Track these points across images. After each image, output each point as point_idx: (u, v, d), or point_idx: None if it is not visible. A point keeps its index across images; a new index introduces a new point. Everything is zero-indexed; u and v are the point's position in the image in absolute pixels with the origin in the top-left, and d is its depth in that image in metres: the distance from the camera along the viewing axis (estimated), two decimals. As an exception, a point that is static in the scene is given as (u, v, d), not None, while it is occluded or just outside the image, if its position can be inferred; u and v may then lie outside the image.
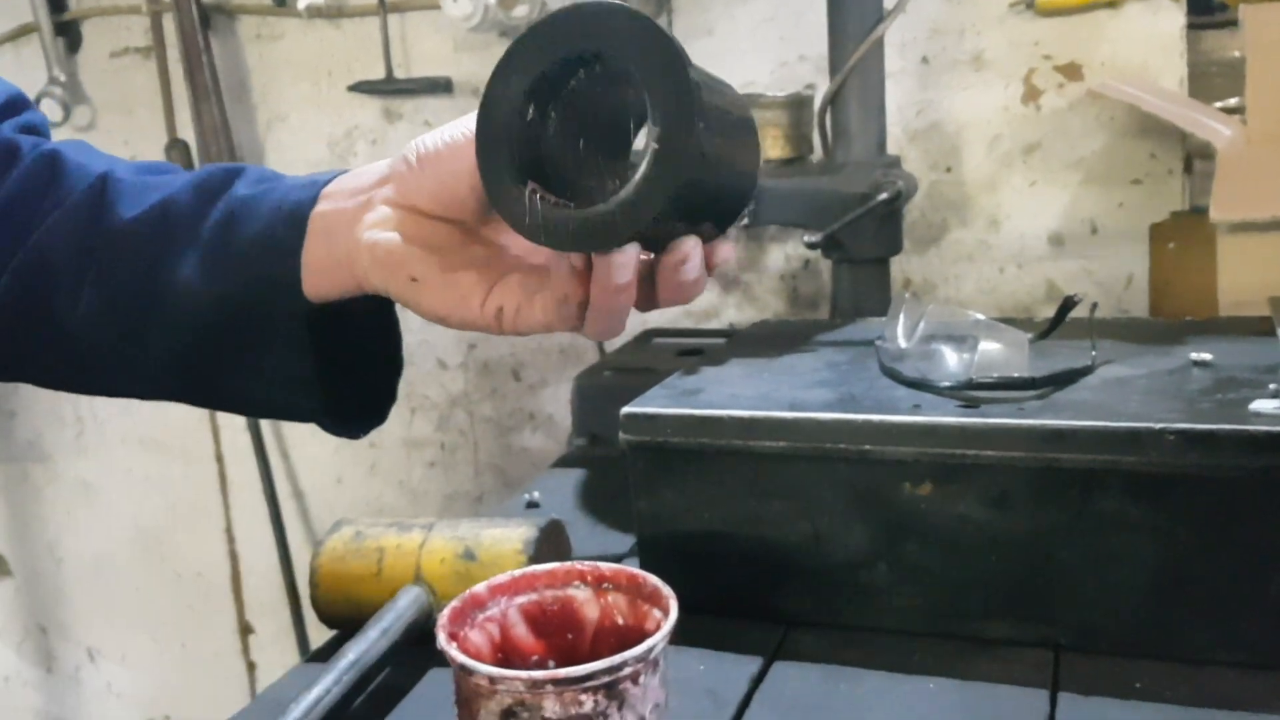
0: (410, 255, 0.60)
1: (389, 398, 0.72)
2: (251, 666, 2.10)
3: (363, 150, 1.81)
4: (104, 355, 0.69)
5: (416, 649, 0.79)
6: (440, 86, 1.71)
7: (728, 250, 0.63)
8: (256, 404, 0.71)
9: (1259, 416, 0.73)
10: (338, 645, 0.81)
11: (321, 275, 0.63)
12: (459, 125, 0.60)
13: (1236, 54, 1.34)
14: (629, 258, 0.56)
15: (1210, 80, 1.41)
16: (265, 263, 0.64)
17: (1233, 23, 1.33)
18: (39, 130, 0.77)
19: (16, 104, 0.77)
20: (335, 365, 0.67)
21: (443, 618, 0.61)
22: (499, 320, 0.60)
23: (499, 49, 1.69)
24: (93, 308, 0.67)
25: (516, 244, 0.63)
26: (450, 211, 0.60)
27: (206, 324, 0.65)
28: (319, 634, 0.89)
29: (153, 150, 1.90)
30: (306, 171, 1.96)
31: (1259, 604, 0.73)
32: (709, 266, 0.62)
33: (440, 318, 0.61)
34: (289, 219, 0.64)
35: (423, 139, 0.61)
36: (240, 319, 0.65)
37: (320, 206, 0.64)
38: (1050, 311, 1.00)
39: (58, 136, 2.02)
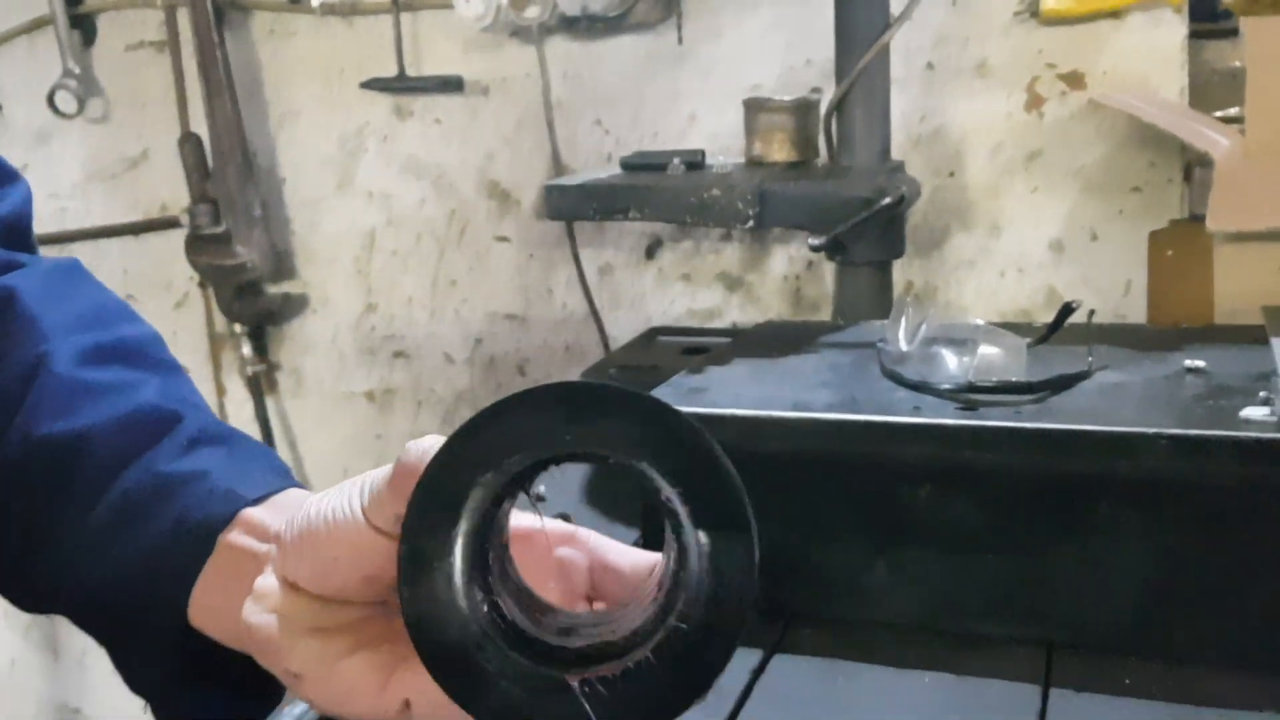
0: (287, 646, 0.50)
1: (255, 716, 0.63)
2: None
3: (373, 146, 1.83)
4: None
5: None
6: (451, 85, 1.73)
7: None
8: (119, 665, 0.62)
9: (1249, 424, 0.75)
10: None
11: (210, 617, 0.56)
12: (341, 500, 0.49)
13: (1237, 64, 1.36)
14: None
15: (1211, 90, 1.43)
16: (157, 577, 0.56)
17: (1235, 33, 1.35)
18: (16, 225, 0.68)
19: None
20: (198, 676, 0.59)
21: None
22: (406, 716, 0.49)
23: (510, 49, 1.72)
24: None
25: None
26: (336, 595, 0.50)
27: (84, 592, 0.59)
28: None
29: (166, 144, 1.92)
30: (319, 167, 1.97)
31: (1246, 606, 0.75)
32: None
33: (331, 712, 0.51)
34: (194, 539, 0.56)
35: (305, 512, 0.50)
36: (117, 611, 0.59)
37: (237, 527, 0.56)
38: (1049, 317, 1.02)
39: (72, 128, 2.02)
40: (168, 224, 1.94)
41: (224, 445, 0.61)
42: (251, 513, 0.56)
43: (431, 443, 0.45)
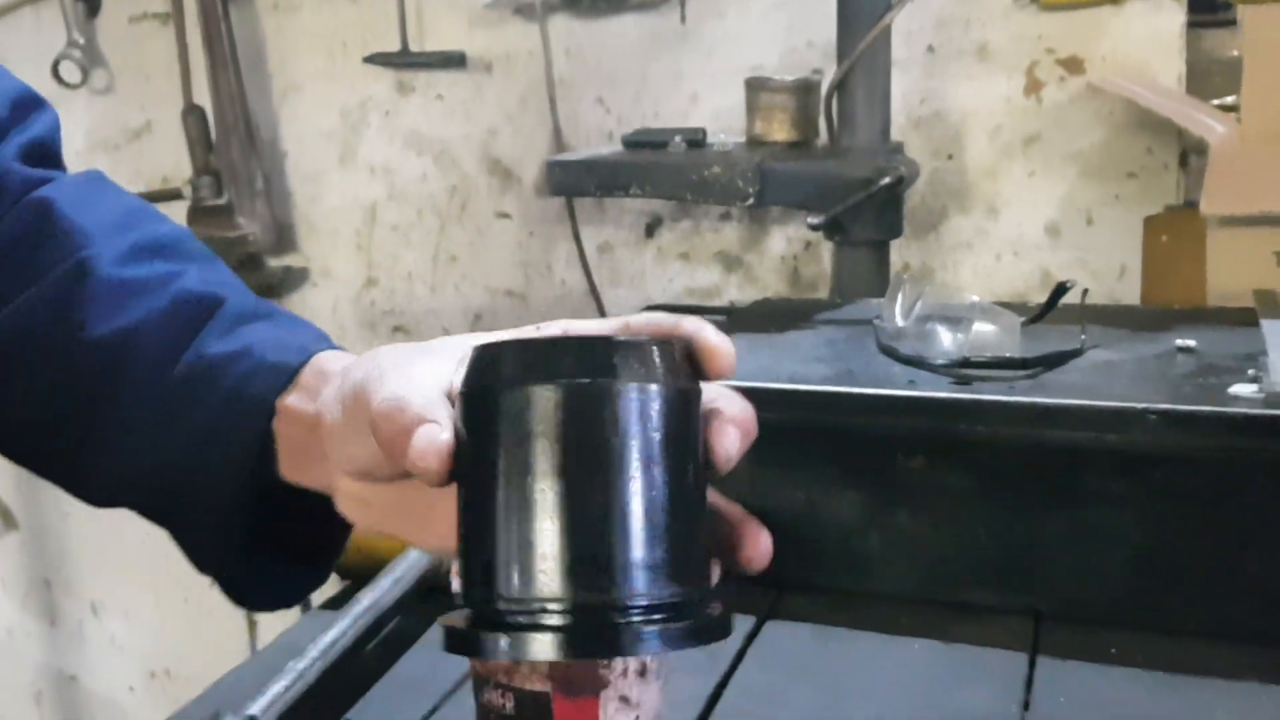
0: (384, 517, 0.52)
1: (315, 582, 0.67)
2: (253, 623, 2.14)
3: (375, 121, 1.84)
4: (45, 460, 0.66)
5: (427, 600, 0.83)
6: (454, 60, 1.74)
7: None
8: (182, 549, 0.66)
9: (1238, 400, 0.77)
10: (348, 595, 0.85)
11: (293, 468, 0.58)
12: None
13: (1235, 53, 1.37)
14: None
15: (1209, 78, 1.44)
16: (216, 452, 0.59)
17: (1233, 22, 1.36)
18: (46, 146, 0.70)
19: (26, 106, 0.69)
20: (263, 539, 0.61)
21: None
22: None
23: (513, 26, 1.73)
24: (40, 422, 0.64)
25: None
26: (397, 472, 0.49)
27: (146, 478, 0.61)
28: (319, 591, 0.92)
29: (169, 115, 1.92)
30: (321, 141, 1.98)
31: (1232, 578, 0.77)
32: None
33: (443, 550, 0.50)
34: (250, 413, 0.58)
35: (349, 377, 0.51)
36: (179, 491, 0.61)
37: (285, 415, 0.57)
38: (1044, 299, 1.03)
39: (76, 98, 2.03)
40: (170, 195, 1.94)
41: (267, 320, 0.63)
42: (298, 387, 0.58)
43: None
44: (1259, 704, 0.70)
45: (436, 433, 0.44)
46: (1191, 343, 0.91)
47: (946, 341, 0.93)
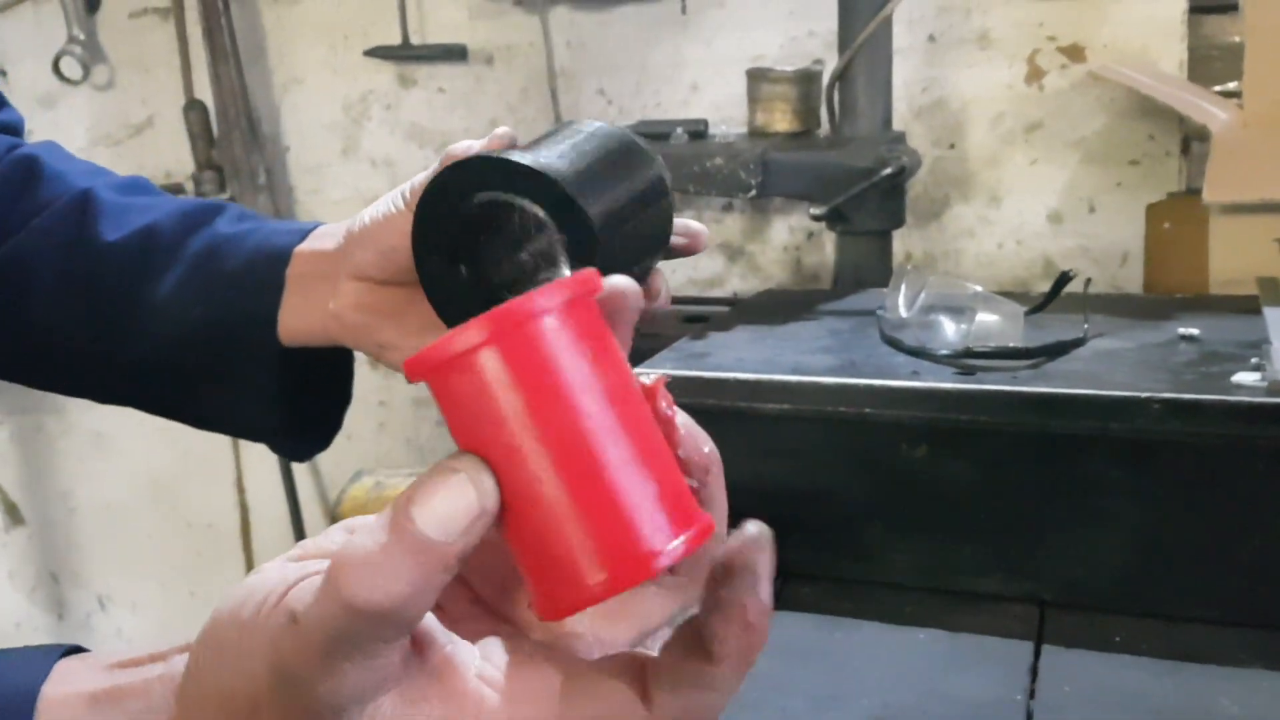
0: (373, 324, 0.61)
1: (336, 425, 0.73)
2: (259, 617, 2.14)
3: (377, 114, 1.84)
4: (75, 358, 0.71)
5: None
6: (455, 53, 1.74)
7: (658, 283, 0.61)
8: (216, 422, 0.73)
9: (1240, 388, 0.77)
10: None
11: (297, 323, 0.64)
12: (388, 200, 0.60)
13: (1237, 39, 1.37)
14: None
15: (1210, 64, 1.44)
16: (245, 298, 0.65)
17: (1234, 7, 1.36)
18: (14, 129, 0.76)
19: None
20: (295, 393, 0.68)
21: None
22: None
23: (514, 17, 1.72)
24: (71, 315, 0.69)
25: None
26: (402, 276, 0.60)
27: (180, 345, 0.67)
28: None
29: (171, 110, 1.92)
30: (323, 134, 1.98)
31: (1234, 565, 0.77)
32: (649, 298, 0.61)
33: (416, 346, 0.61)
34: (269, 262, 0.65)
35: (360, 215, 0.61)
36: (213, 346, 0.66)
37: (299, 258, 0.65)
38: (1047, 288, 1.03)
39: (77, 94, 2.03)
40: (173, 191, 1.94)
41: (264, 218, 0.70)
42: (306, 245, 0.65)
43: (465, 145, 0.58)
44: (1263, 690, 0.71)
45: None
46: (1194, 331, 0.92)
47: (950, 332, 0.93)
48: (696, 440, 0.36)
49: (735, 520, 0.35)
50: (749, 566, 0.33)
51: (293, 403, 0.68)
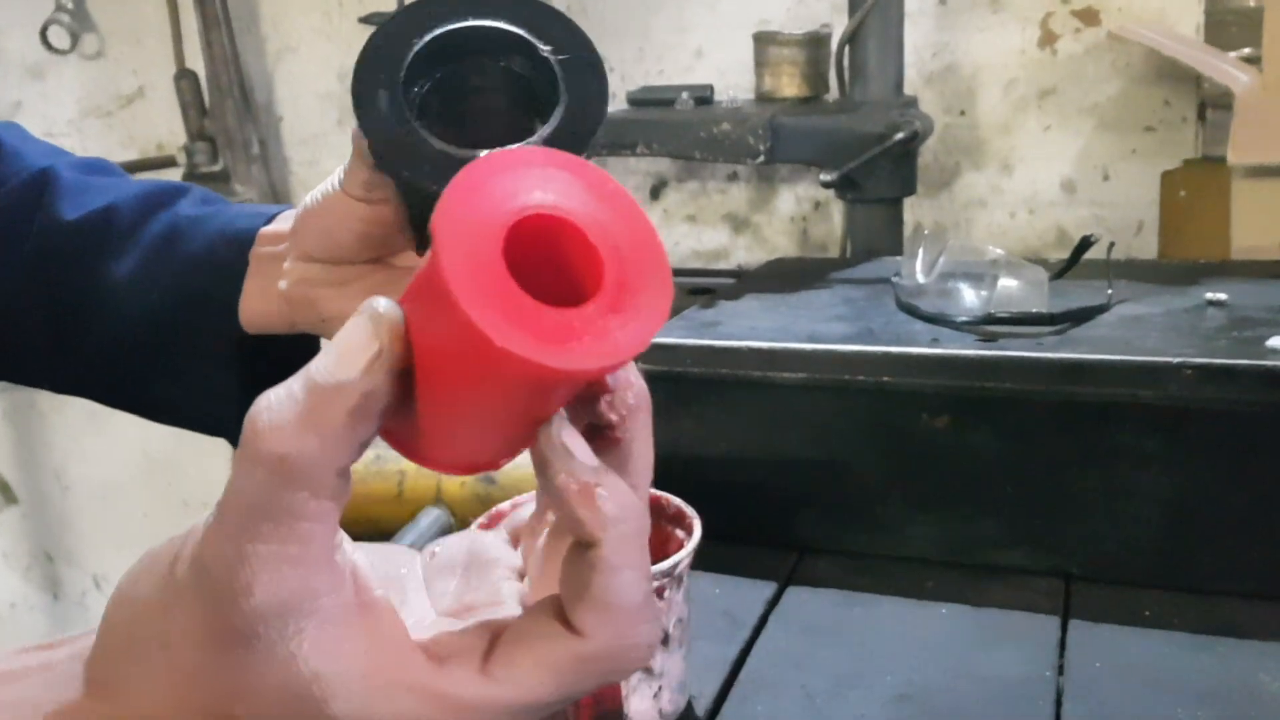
0: (316, 297, 0.60)
1: None
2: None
3: (373, 83, 1.80)
4: (29, 342, 0.68)
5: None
6: (453, 20, 1.70)
7: None
8: (173, 413, 0.70)
9: (1275, 353, 0.74)
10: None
11: (258, 306, 0.63)
12: (325, 183, 0.58)
13: (1253, 3, 1.33)
14: None
15: (1226, 29, 1.40)
16: (205, 282, 0.63)
17: (1252, -29, 1.33)
18: None
19: None
20: (256, 386, 0.66)
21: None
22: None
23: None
24: (25, 295, 0.66)
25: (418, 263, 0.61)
26: (340, 256, 0.59)
27: (139, 329, 0.65)
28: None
29: (162, 80, 1.88)
30: (318, 104, 1.94)
31: (1270, 535, 0.74)
32: None
33: None
34: (232, 244, 0.63)
35: (303, 202, 0.60)
36: (172, 331, 0.64)
37: (262, 239, 0.63)
38: (1060, 256, 1.00)
39: (66, 64, 2.00)
40: (164, 163, 1.91)
41: (227, 202, 0.68)
42: (270, 227, 0.63)
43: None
44: (1301, 665, 0.68)
45: None
46: (1222, 296, 0.89)
47: (970, 298, 0.90)
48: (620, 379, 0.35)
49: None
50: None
51: (253, 395, 0.64)
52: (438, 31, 0.48)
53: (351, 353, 0.31)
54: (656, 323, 0.31)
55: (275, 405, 0.31)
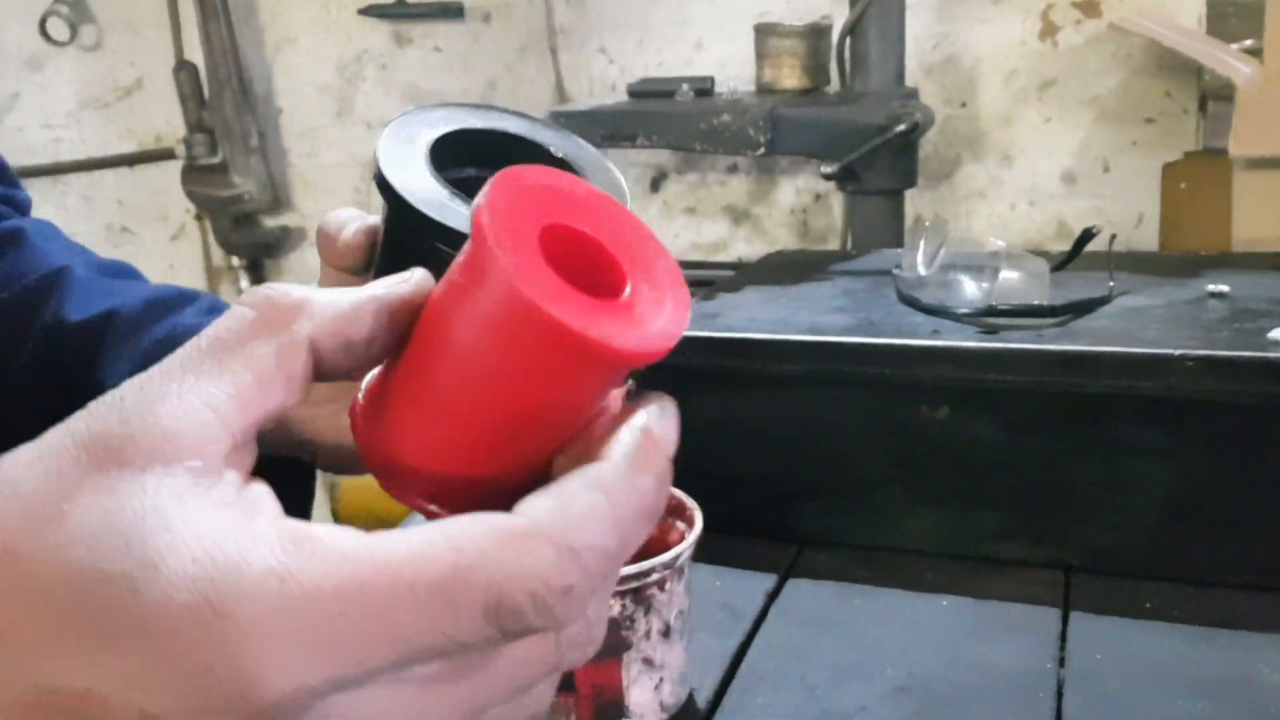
0: (290, 418, 0.58)
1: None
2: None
3: (371, 74, 1.80)
4: (26, 437, 0.68)
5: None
6: (451, 11, 1.70)
7: None
8: None
9: (1277, 344, 0.74)
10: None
11: None
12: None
13: (1255, -6, 1.33)
14: None
15: (1227, 21, 1.40)
16: None
17: (1253, -38, 1.32)
18: (17, 205, 0.74)
19: None
20: None
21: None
22: None
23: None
24: (24, 393, 0.66)
25: None
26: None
27: None
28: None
29: (161, 71, 1.88)
30: (317, 95, 1.94)
31: (1270, 527, 0.74)
32: None
33: (344, 471, 0.62)
34: None
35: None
36: None
37: None
38: (1061, 248, 1.00)
39: (64, 56, 1.99)
40: (163, 155, 1.90)
41: None
42: None
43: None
44: (1302, 657, 0.68)
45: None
46: (1224, 288, 0.89)
47: (971, 290, 0.90)
48: None
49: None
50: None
51: None
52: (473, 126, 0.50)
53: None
54: (686, 311, 0.31)
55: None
